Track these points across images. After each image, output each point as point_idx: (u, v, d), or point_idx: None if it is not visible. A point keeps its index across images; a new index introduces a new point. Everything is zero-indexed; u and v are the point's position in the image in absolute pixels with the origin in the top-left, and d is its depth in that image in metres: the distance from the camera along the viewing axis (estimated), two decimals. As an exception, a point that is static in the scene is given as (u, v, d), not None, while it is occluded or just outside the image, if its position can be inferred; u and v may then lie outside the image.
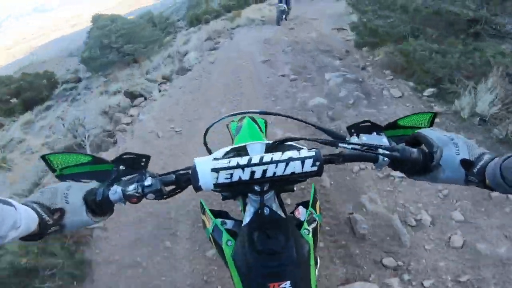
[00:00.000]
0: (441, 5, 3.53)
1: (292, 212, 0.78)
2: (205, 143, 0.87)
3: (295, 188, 0.89)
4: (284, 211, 0.73)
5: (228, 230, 0.72)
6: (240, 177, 0.56)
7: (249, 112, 0.79)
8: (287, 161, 0.56)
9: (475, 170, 0.52)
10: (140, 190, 0.58)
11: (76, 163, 0.62)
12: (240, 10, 11.04)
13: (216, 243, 0.72)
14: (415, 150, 0.60)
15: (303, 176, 0.58)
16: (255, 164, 0.56)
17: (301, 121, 0.75)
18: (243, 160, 0.56)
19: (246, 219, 0.70)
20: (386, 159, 0.60)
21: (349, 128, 0.70)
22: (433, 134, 0.60)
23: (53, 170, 0.62)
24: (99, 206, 0.58)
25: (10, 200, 0.46)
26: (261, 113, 0.75)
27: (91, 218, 0.56)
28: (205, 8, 15.03)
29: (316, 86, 3.91)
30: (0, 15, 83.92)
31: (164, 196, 0.61)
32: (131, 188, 0.58)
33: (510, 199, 1.95)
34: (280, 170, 0.56)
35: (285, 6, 7.99)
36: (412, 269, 1.65)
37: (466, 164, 0.54)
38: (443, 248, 1.75)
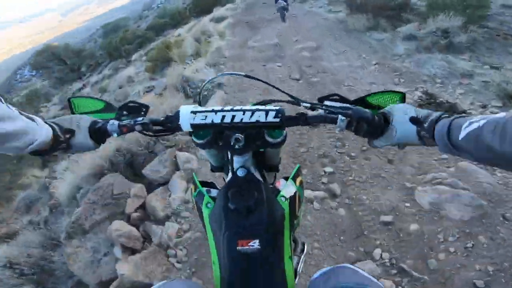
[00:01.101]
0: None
1: (273, 184, 0.86)
2: (199, 99, 0.90)
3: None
4: (263, 176, 0.79)
5: (212, 197, 0.73)
6: (212, 120, 0.65)
7: (235, 74, 0.85)
8: (253, 111, 0.64)
9: (425, 125, 0.57)
10: (132, 123, 0.70)
11: (91, 110, 0.79)
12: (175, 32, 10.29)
13: (197, 206, 0.74)
14: (368, 110, 0.64)
15: (267, 126, 0.66)
16: (227, 110, 0.64)
17: (279, 89, 0.81)
18: (217, 108, 0.66)
19: (227, 180, 0.77)
20: (343, 118, 0.63)
21: (320, 99, 0.74)
22: (391, 107, 0.66)
23: (73, 112, 0.79)
24: (97, 134, 0.71)
25: (34, 116, 0.58)
26: (245, 76, 0.82)
27: (92, 143, 0.71)
28: (123, 34, 11.63)
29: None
30: None
31: (151, 133, 0.71)
32: (124, 121, 0.72)
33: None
34: (246, 117, 0.64)
35: (285, 3, 7.88)
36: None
37: (415, 120, 0.60)
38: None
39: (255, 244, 0.61)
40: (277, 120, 0.63)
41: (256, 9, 11.77)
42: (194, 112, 0.65)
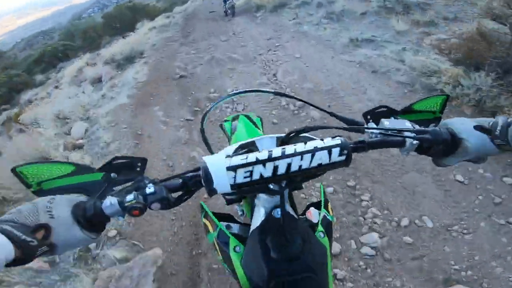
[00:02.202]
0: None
1: (303, 214, 0.74)
2: (205, 139, 0.78)
3: (303, 185, 1.00)
4: (296, 212, 0.70)
5: (234, 235, 0.66)
6: (261, 174, 0.48)
7: (260, 91, 0.69)
8: (313, 152, 0.48)
9: (497, 133, 0.52)
10: (141, 200, 0.47)
11: (56, 176, 0.51)
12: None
13: (221, 250, 0.66)
14: (443, 131, 0.57)
15: (330, 168, 0.51)
16: (278, 158, 0.48)
17: (316, 107, 0.70)
18: (262, 155, 0.48)
19: (256, 222, 0.64)
20: (414, 142, 0.55)
21: (365, 115, 0.65)
22: (445, 123, 0.60)
23: (28, 186, 0.51)
24: (89, 222, 0.47)
25: None
26: (275, 93, 0.70)
27: (87, 235, 0.47)
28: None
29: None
30: None
31: (171, 205, 0.50)
32: (130, 198, 0.47)
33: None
34: (306, 162, 0.48)
35: (234, 2, 8.59)
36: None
37: (482, 129, 0.54)
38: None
39: None
40: (343, 158, 0.49)
41: (200, 26, 8.04)
42: (233, 169, 0.47)
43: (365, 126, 0.61)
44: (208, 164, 0.48)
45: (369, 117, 0.64)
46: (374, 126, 0.61)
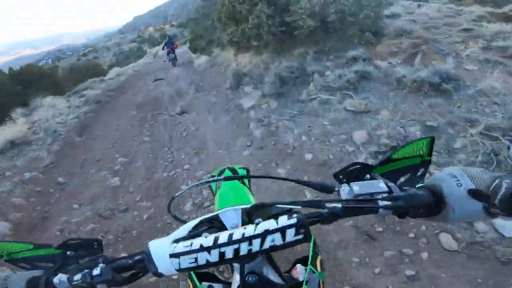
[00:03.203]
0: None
1: (289, 271, 0.67)
2: (173, 215, 0.75)
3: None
4: (278, 271, 0.64)
5: None
6: (207, 260, 0.48)
7: (214, 181, 0.67)
8: (263, 235, 0.47)
9: (496, 201, 0.44)
10: (88, 279, 0.50)
11: (19, 250, 0.58)
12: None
13: None
14: (423, 193, 0.52)
15: (287, 246, 0.49)
16: (224, 244, 0.47)
17: (283, 179, 0.66)
18: (207, 241, 0.48)
19: (234, 286, 0.62)
20: (386, 209, 0.51)
21: (336, 176, 0.63)
22: (435, 177, 0.53)
23: (1, 256, 0.59)
24: None
25: None
26: (226, 179, 0.68)
27: None
28: None
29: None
30: None
31: (120, 284, 0.52)
32: (77, 278, 0.50)
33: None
34: (256, 246, 0.47)
35: (173, 55, 11.25)
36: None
37: (476, 194, 0.46)
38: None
39: None
40: (300, 237, 0.48)
41: (108, 134, 5.29)
42: (177, 256, 0.47)
43: (337, 188, 0.58)
44: (151, 250, 0.49)
45: (341, 177, 0.62)
46: (347, 187, 0.57)
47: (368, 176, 0.62)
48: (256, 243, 0.47)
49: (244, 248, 0.47)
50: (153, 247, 0.49)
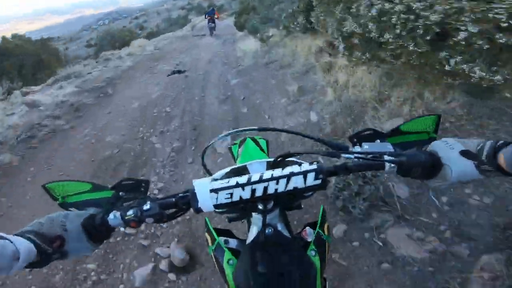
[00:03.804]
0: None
1: (299, 233, 0.73)
2: (204, 165, 0.84)
3: (302, 206, 0.86)
4: (290, 230, 0.72)
5: (231, 249, 0.69)
6: (241, 196, 0.55)
7: (246, 130, 0.74)
8: (288, 177, 0.54)
9: (484, 158, 0.51)
10: (138, 214, 0.57)
11: (76, 192, 0.64)
12: None
13: (217, 262, 0.69)
14: (423, 154, 0.58)
15: (307, 191, 0.56)
16: (255, 182, 0.54)
17: (302, 135, 0.72)
18: (242, 179, 0.55)
19: (250, 238, 0.69)
20: (392, 165, 0.58)
21: (351, 138, 0.68)
22: (432, 145, 0.60)
23: (55, 199, 0.64)
24: (97, 231, 0.57)
25: (2, 234, 0.47)
26: (259, 129, 0.72)
27: (91, 244, 0.56)
28: None
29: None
30: None
31: (164, 219, 0.59)
32: (130, 213, 0.57)
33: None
34: (281, 186, 0.54)
35: (214, 25, 10.99)
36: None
37: (468, 154, 0.54)
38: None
39: None
40: (318, 182, 0.55)
41: None
42: (215, 191, 0.55)
43: (350, 149, 0.64)
44: (195, 186, 0.56)
45: (355, 140, 0.67)
46: (359, 149, 0.65)
47: (378, 141, 0.67)
48: (282, 183, 0.54)
49: (272, 187, 0.54)
50: (197, 184, 0.56)
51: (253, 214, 0.68)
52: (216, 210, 0.57)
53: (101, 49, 13.94)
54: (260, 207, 0.62)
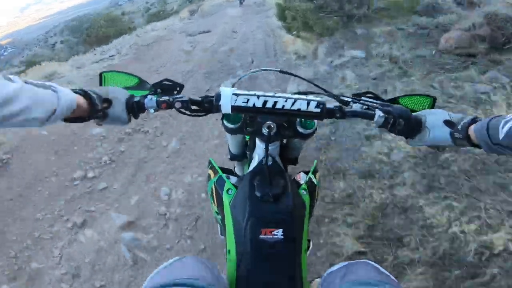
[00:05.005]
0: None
1: (294, 178, 0.82)
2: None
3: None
4: (285, 167, 0.89)
5: (232, 184, 0.75)
6: (254, 104, 0.63)
7: (270, 70, 0.86)
8: (295, 99, 0.63)
9: (459, 127, 0.59)
10: (170, 100, 0.68)
11: (123, 85, 0.76)
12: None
13: (217, 193, 0.75)
14: (407, 109, 0.66)
15: (307, 115, 0.64)
16: (269, 96, 0.63)
17: (315, 85, 0.79)
18: (259, 92, 0.64)
19: (251, 167, 0.80)
20: (381, 114, 0.64)
21: (353, 95, 0.75)
22: (425, 111, 0.68)
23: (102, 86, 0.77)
24: (134, 108, 0.69)
25: (51, 84, 0.55)
26: (281, 72, 0.82)
27: (127, 117, 0.69)
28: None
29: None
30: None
31: (189, 110, 0.70)
32: (163, 98, 0.69)
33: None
34: (288, 104, 0.63)
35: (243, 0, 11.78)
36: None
37: (449, 123, 0.61)
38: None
39: (278, 233, 0.63)
40: (318, 110, 0.63)
41: None
42: (236, 94, 0.64)
43: (351, 104, 0.73)
44: (222, 90, 0.64)
45: (357, 97, 0.74)
46: (359, 104, 0.73)
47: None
48: (289, 102, 0.63)
49: (280, 103, 0.63)
50: (223, 88, 0.64)
51: (257, 142, 0.77)
52: (232, 112, 0.64)
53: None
54: (264, 132, 0.68)
